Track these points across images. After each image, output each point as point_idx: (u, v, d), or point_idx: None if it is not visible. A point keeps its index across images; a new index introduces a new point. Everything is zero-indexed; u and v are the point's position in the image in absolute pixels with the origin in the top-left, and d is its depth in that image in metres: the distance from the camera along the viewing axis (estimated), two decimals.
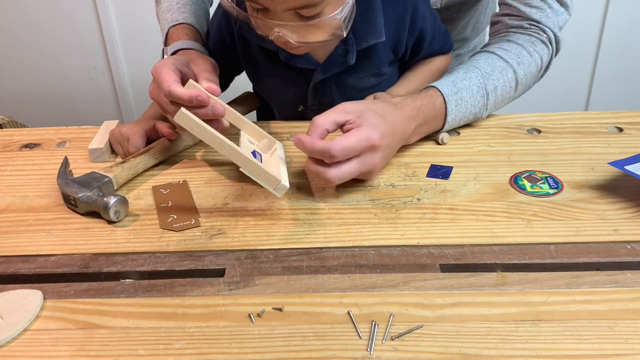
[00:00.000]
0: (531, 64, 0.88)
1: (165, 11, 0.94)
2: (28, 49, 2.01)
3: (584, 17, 1.94)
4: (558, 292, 0.57)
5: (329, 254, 0.63)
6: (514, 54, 0.87)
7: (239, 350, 0.52)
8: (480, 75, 0.84)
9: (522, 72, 0.87)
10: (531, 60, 0.88)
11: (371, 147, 0.70)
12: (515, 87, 0.88)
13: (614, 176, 0.75)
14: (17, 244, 0.67)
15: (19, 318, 0.55)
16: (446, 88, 0.81)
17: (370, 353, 0.51)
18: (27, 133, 0.93)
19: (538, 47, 0.89)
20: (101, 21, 1.93)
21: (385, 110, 0.75)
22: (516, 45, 0.89)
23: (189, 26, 0.91)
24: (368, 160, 0.71)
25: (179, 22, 0.91)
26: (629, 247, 0.63)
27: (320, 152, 0.68)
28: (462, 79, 0.83)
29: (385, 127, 0.72)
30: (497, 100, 0.86)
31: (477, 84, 0.83)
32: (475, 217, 0.68)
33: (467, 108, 0.83)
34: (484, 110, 0.86)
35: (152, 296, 0.59)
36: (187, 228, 0.68)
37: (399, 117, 0.76)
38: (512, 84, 0.87)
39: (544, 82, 0.96)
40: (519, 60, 0.87)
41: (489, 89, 0.84)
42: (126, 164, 0.77)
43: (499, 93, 0.86)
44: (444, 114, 0.81)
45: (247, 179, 0.77)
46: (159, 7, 0.97)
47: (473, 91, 0.83)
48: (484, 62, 0.86)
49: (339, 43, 0.84)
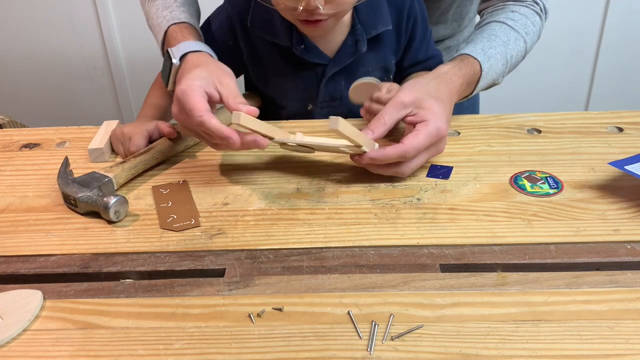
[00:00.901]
0: (534, 34, 0.94)
1: (162, 8, 0.89)
2: (28, 49, 2.01)
3: (584, 17, 1.94)
4: (558, 292, 0.57)
5: (329, 254, 0.63)
6: (522, 25, 0.91)
7: (239, 351, 0.52)
8: (502, 44, 0.88)
9: (529, 42, 0.92)
10: (535, 31, 0.93)
11: (440, 138, 0.74)
12: (523, 56, 0.93)
13: (614, 176, 0.74)
14: (17, 244, 0.67)
15: (19, 318, 0.55)
16: (480, 56, 0.84)
17: (370, 353, 0.51)
18: (27, 133, 0.93)
19: (536, 19, 0.94)
20: (101, 21, 1.93)
21: (439, 90, 0.77)
22: (520, 16, 0.92)
23: (191, 26, 0.88)
24: (437, 148, 0.75)
25: (180, 20, 0.87)
26: (629, 247, 0.63)
27: (396, 158, 0.72)
28: (489, 47, 0.86)
29: (445, 112, 0.75)
30: (510, 68, 0.90)
31: (501, 53, 0.87)
32: (475, 217, 0.68)
33: (492, 75, 0.87)
34: (501, 77, 0.89)
35: (152, 296, 0.59)
36: (187, 228, 0.68)
37: (452, 92, 0.79)
38: (522, 53, 0.92)
39: (544, 82, 0.98)
40: (527, 31, 0.92)
41: (507, 57, 0.88)
42: (126, 164, 0.77)
43: (513, 62, 0.90)
44: (477, 80, 0.85)
45: (247, 179, 0.77)
46: (152, 3, 0.91)
47: (497, 59, 0.86)
48: (500, 32, 0.90)
49: (348, 35, 0.87)
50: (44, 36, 1.98)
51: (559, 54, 1.97)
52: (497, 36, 0.89)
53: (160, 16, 0.89)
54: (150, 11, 0.92)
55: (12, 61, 2.04)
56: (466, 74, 0.82)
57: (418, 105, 0.74)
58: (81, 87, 2.08)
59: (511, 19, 0.92)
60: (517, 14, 0.92)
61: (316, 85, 0.91)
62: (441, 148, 0.76)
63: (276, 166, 0.80)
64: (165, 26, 0.87)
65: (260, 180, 0.77)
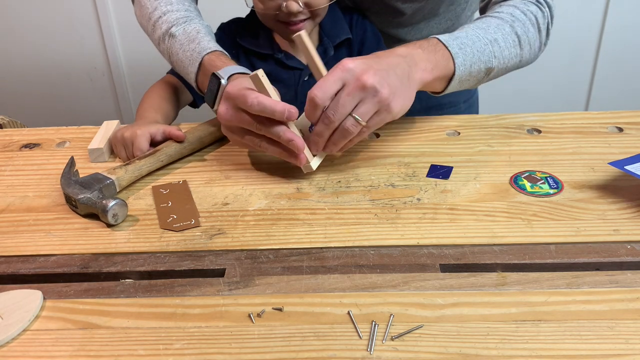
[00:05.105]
0: (526, 21, 0.89)
1: (187, 42, 0.88)
2: (28, 49, 2.01)
3: (584, 17, 1.94)
4: (558, 292, 0.57)
5: (329, 254, 0.63)
6: (507, 14, 0.88)
7: (239, 351, 0.52)
8: (476, 28, 0.85)
9: (520, 28, 0.87)
10: (525, 19, 0.89)
11: (355, 76, 0.69)
12: (518, 42, 0.87)
13: (614, 176, 0.74)
14: (17, 244, 0.67)
15: (19, 318, 0.55)
16: (442, 37, 0.81)
17: (370, 353, 0.51)
18: (27, 133, 0.93)
19: (531, 7, 0.90)
20: (101, 21, 1.93)
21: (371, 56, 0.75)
22: (508, 7, 0.90)
23: (225, 54, 0.88)
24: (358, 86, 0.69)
25: (212, 49, 0.87)
26: (629, 247, 0.63)
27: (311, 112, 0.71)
28: (457, 32, 0.83)
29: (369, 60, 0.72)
30: (503, 53, 0.85)
31: (476, 35, 0.84)
32: (475, 217, 0.68)
33: (474, 53, 0.82)
34: (493, 59, 0.84)
35: (152, 296, 0.59)
36: (187, 228, 0.68)
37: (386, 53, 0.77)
38: (513, 38, 0.86)
39: (544, 82, 0.97)
40: (513, 18, 0.88)
41: (489, 38, 0.84)
42: (130, 166, 0.76)
43: (503, 45, 0.85)
44: (449, 55, 0.80)
45: (247, 179, 0.77)
46: (174, 40, 0.90)
47: (473, 39, 0.83)
48: (477, 22, 0.87)
49: (318, 46, 1.02)
50: (44, 36, 1.98)
51: (559, 54, 1.97)
52: (470, 26, 0.85)
53: (188, 49, 0.88)
54: (172, 48, 0.90)
55: (12, 61, 2.05)
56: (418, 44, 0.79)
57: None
58: (81, 87, 2.09)
59: (496, 10, 0.90)
60: (504, 6, 0.90)
61: (294, 88, 1.02)
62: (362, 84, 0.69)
63: (276, 166, 0.80)
64: (198, 58, 0.86)
65: (260, 180, 0.77)
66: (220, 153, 0.85)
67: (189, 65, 0.88)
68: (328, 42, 1.03)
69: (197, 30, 0.90)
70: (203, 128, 0.86)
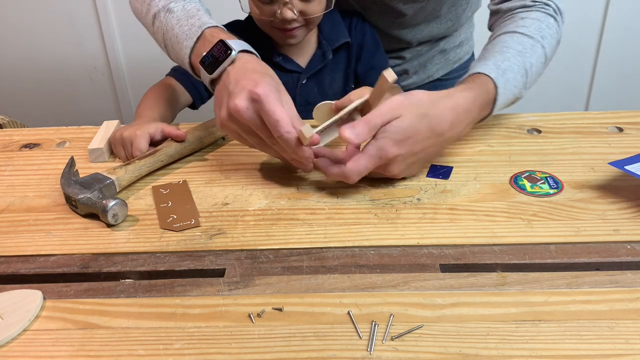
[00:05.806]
0: (552, 37, 0.87)
1: (185, 18, 0.83)
2: (28, 49, 2.01)
3: (584, 17, 1.94)
4: (558, 292, 0.57)
5: (329, 254, 0.63)
6: (536, 29, 0.85)
7: (239, 351, 0.52)
8: (517, 54, 0.81)
9: (548, 47, 0.85)
10: (551, 34, 0.86)
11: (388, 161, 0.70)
12: (544, 63, 0.86)
13: (614, 176, 0.74)
14: (17, 244, 0.67)
15: (18, 318, 0.55)
16: (493, 72, 0.77)
17: (370, 353, 0.51)
18: (27, 133, 0.93)
19: (550, 21, 0.88)
20: (101, 21, 1.93)
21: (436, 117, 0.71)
22: (532, 21, 0.86)
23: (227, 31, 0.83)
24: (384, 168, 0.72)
25: (213, 24, 0.82)
26: (629, 247, 0.63)
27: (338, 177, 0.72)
28: (501, 60, 0.80)
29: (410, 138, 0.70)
30: (532, 78, 0.84)
31: (517, 64, 0.80)
32: (475, 217, 0.68)
33: (512, 90, 0.80)
34: (524, 90, 0.83)
35: (152, 296, 0.59)
36: (187, 228, 0.68)
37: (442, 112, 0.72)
38: (542, 60, 0.85)
39: (543, 82, 0.96)
40: (542, 35, 0.85)
41: (526, 67, 0.81)
42: (130, 166, 0.76)
43: (534, 70, 0.83)
44: (494, 99, 0.78)
45: (247, 179, 0.77)
46: (171, 15, 0.85)
47: (514, 71, 0.80)
48: (513, 41, 0.83)
49: (317, 49, 1.04)
50: (44, 36, 1.98)
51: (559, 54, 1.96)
52: (510, 47, 0.81)
53: (186, 24, 0.83)
54: (168, 23, 0.85)
55: (12, 61, 2.05)
56: (478, 96, 0.75)
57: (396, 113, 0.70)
58: (81, 87, 2.09)
59: (522, 26, 0.85)
60: (529, 20, 0.86)
61: (293, 91, 1.02)
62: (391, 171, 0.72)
63: (276, 166, 0.80)
64: (197, 31, 0.81)
65: (260, 180, 0.77)
66: (220, 153, 0.85)
67: (185, 40, 0.81)
68: (327, 46, 1.04)
69: (197, 8, 0.85)
70: (203, 128, 0.86)
